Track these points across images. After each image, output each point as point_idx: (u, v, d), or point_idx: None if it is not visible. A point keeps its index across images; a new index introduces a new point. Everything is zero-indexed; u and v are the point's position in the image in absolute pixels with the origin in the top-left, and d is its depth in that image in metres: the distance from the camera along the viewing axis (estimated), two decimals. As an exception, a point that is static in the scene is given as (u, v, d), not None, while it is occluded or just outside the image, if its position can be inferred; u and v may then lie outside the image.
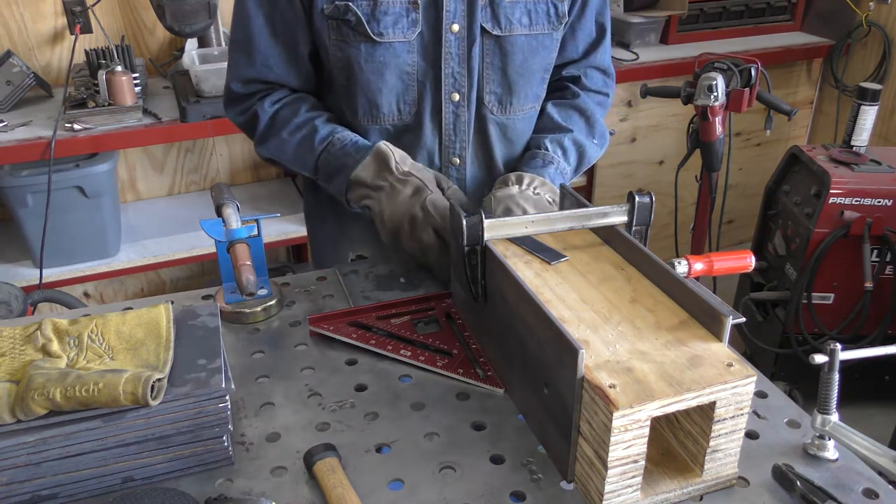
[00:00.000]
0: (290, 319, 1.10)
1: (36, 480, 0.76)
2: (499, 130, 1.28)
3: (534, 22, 1.22)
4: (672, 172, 2.55)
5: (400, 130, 1.24)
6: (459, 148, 1.27)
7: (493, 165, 1.31)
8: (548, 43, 1.25)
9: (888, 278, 2.28)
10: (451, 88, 1.21)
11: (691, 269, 1.00)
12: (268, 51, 1.21)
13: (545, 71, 1.29)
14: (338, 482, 0.77)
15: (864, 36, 2.97)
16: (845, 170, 2.24)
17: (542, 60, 1.26)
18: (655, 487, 0.77)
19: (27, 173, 2.16)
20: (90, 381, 0.74)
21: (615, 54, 2.82)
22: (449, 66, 1.20)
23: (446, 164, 1.28)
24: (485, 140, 1.28)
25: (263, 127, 1.25)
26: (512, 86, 1.25)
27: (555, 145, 1.30)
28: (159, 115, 2.22)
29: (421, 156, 1.26)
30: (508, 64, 1.22)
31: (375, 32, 1.14)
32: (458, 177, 1.29)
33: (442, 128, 1.24)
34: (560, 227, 0.97)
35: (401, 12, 1.15)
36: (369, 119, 1.23)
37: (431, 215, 1.11)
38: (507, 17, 1.19)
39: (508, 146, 1.31)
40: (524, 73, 1.24)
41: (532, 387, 0.85)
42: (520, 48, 1.22)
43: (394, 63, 1.17)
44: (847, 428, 0.81)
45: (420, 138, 1.24)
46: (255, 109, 1.25)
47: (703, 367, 0.74)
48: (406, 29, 1.16)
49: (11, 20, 2.38)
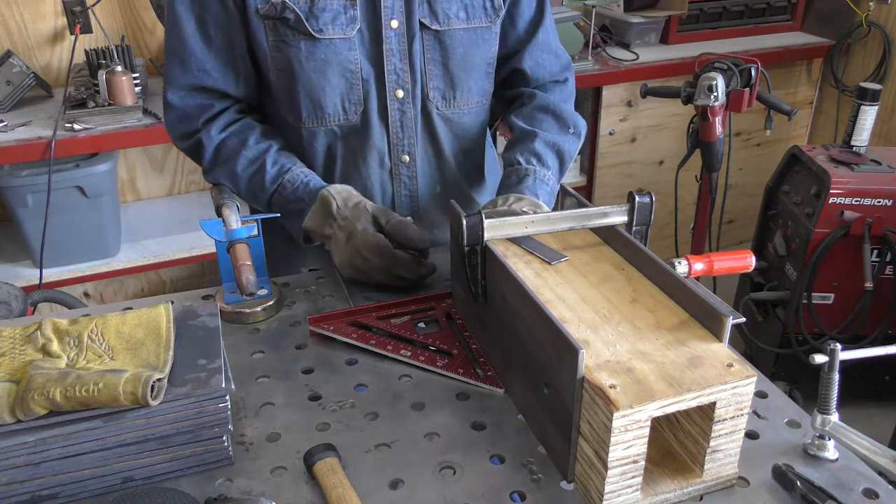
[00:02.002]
0: (290, 319, 1.10)
1: (36, 480, 0.76)
2: (445, 125, 1.29)
3: (471, 16, 1.22)
4: (672, 172, 2.55)
5: (347, 132, 1.23)
6: (408, 145, 1.27)
7: (443, 161, 1.32)
8: (487, 36, 1.25)
9: (888, 278, 2.28)
10: (395, 85, 1.21)
11: (691, 269, 1.00)
12: (202, 55, 1.17)
13: (488, 65, 1.29)
14: (338, 482, 0.77)
15: (865, 36, 2.97)
16: (845, 170, 2.24)
17: (484, 54, 1.27)
18: (655, 488, 0.77)
19: (27, 173, 2.16)
20: (90, 381, 0.74)
21: (615, 54, 2.82)
22: (391, 62, 1.19)
23: (396, 163, 1.28)
24: (433, 136, 1.29)
25: (210, 157, 1.22)
26: (454, 80, 1.25)
27: (527, 155, 1.28)
28: (159, 115, 2.22)
29: (371, 156, 1.25)
30: (449, 58, 1.23)
31: (315, 29, 1.13)
32: (409, 174, 1.29)
33: (389, 126, 1.24)
34: (560, 227, 0.97)
35: (338, 9, 1.14)
36: (314, 121, 1.21)
37: (368, 259, 1.10)
38: (444, 12, 1.20)
39: (456, 141, 1.32)
40: (465, 66, 1.25)
41: (532, 387, 0.85)
42: (459, 42, 1.22)
43: (335, 61, 1.16)
44: (847, 428, 0.81)
45: (369, 138, 1.24)
46: (200, 137, 1.22)
47: (703, 367, 0.74)
48: (345, 25, 1.15)
49: (11, 20, 2.38)
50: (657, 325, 0.82)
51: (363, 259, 1.11)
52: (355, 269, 1.13)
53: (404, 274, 1.12)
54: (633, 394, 0.70)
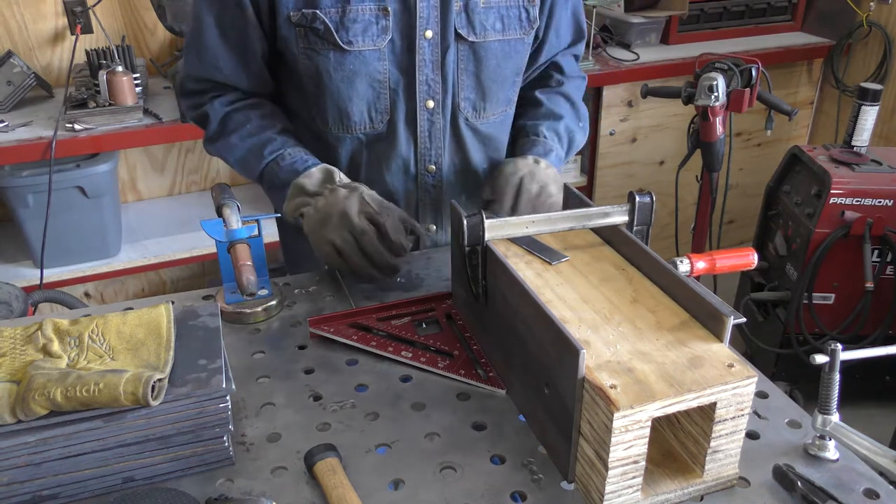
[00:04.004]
0: (290, 320, 1.10)
1: (37, 480, 0.76)
2: (473, 135, 1.28)
3: (506, 27, 1.22)
4: (673, 172, 2.55)
5: (372, 139, 1.23)
6: (435, 155, 1.26)
7: (468, 170, 1.31)
8: (519, 48, 1.25)
9: (889, 279, 2.28)
10: (426, 95, 1.21)
11: (693, 268, 1.00)
12: (217, 52, 1.19)
13: (517, 75, 1.29)
14: (338, 482, 0.77)
15: (865, 36, 2.97)
16: (846, 170, 2.24)
17: (515, 65, 1.27)
18: (656, 488, 0.77)
19: (28, 173, 2.16)
20: (91, 381, 0.74)
21: (616, 54, 2.82)
22: (423, 73, 1.19)
23: (422, 172, 1.27)
24: (460, 145, 1.28)
25: (214, 128, 1.23)
26: (486, 91, 1.25)
27: (551, 133, 1.30)
28: (160, 116, 2.22)
29: (396, 164, 1.25)
30: (482, 70, 1.22)
31: (344, 41, 1.13)
32: (433, 183, 1.29)
33: (417, 136, 1.24)
34: (561, 226, 0.97)
35: (370, 19, 1.13)
36: (340, 128, 1.22)
37: (367, 203, 1.09)
38: (481, 23, 1.19)
39: (482, 149, 1.31)
40: (497, 78, 1.25)
41: (533, 387, 0.85)
42: (493, 53, 1.22)
43: (364, 71, 1.16)
44: (848, 428, 0.81)
45: (394, 147, 1.24)
46: (206, 110, 1.24)
47: (703, 367, 0.74)
48: (376, 37, 1.14)
49: (12, 20, 2.38)
50: (658, 326, 0.82)
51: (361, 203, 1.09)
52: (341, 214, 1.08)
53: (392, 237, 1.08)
54: (634, 394, 0.70)
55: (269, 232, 2.49)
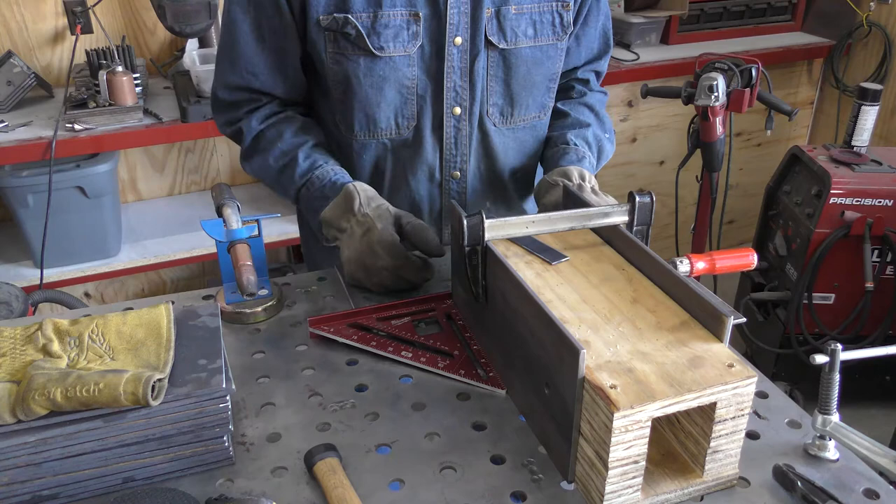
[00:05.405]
0: (290, 320, 1.10)
1: (37, 481, 0.76)
2: (501, 142, 1.27)
3: (539, 33, 1.20)
4: (673, 172, 2.55)
5: (398, 145, 1.22)
6: (461, 161, 1.25)
7: (496, 177, 1.30)
8: (552, 53, 1.23)
9: (889, 279, 2.28)
10: (453, 102, 1.19)
11: (693, 268, 1.00)
12: (254, 58, 1.18)
13: (550, 80, 1.27)
14: (338, 482, 0.77)
15: (865, 36, 2.97)
16: (846, 170, 2.24)
17: (547, 71, 1.25)
18: (656, 488, 0.77)
19: (28, 173, 2.16)
20: (91, 381, 0.74)
21: (616, 54, 2.82)
22: (451, 79, 1.18)
23: (447, 178, 1.26)
24: (487, 152, 1.27)
25: (248, 145, 1.23)
26: (514, 97, 1.23)
27: (581, 140, 1.28)
28: (160, 116, 2.22)
29: (421, 170, 1.24)
30: (512, 76, 1.21)
31: (376, 46, 1.12)
32: (458, 190, 1.28)
33: (443, 142, 1.22)
34: (561, 227, 0.97)
35: (401, 25, 1.12)
36: (366, 134, 1.21)
37: (380, 257, 1.09)
38: (512, 30, 1.17)
39: (511, 155, 1.30)
40: (527, 84, 1.23)
41: (533, 387, 0.85)
42: (523, 60, 1.20)
43: (393, 77, 1.15)
44: (848, 428, 0.81)
45: (420, 153, 1.23)
46: (241, 126, 1.23)
47: (703, 367, 0.74)
48: (406, 42, 1.13)
49: (12, 20, 2.38)
50: (658, 326, 0.82)
51: (374, 255, 1.09)
52: (362, 265, 1.11)
53: (410, 277, 1.11)
54: (634, 394, 0.70)
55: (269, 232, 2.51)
